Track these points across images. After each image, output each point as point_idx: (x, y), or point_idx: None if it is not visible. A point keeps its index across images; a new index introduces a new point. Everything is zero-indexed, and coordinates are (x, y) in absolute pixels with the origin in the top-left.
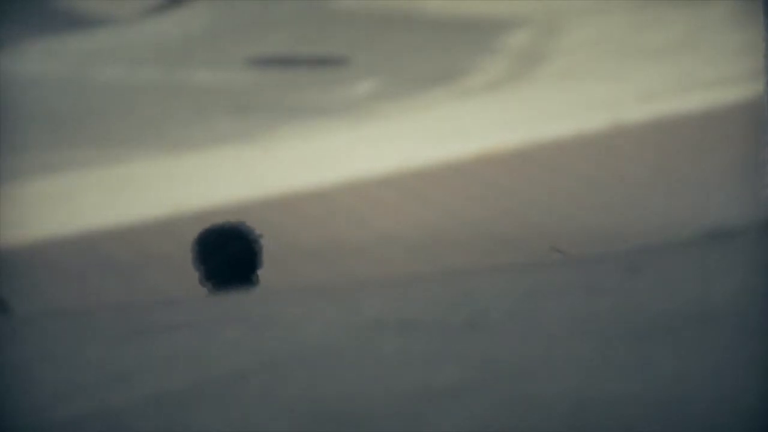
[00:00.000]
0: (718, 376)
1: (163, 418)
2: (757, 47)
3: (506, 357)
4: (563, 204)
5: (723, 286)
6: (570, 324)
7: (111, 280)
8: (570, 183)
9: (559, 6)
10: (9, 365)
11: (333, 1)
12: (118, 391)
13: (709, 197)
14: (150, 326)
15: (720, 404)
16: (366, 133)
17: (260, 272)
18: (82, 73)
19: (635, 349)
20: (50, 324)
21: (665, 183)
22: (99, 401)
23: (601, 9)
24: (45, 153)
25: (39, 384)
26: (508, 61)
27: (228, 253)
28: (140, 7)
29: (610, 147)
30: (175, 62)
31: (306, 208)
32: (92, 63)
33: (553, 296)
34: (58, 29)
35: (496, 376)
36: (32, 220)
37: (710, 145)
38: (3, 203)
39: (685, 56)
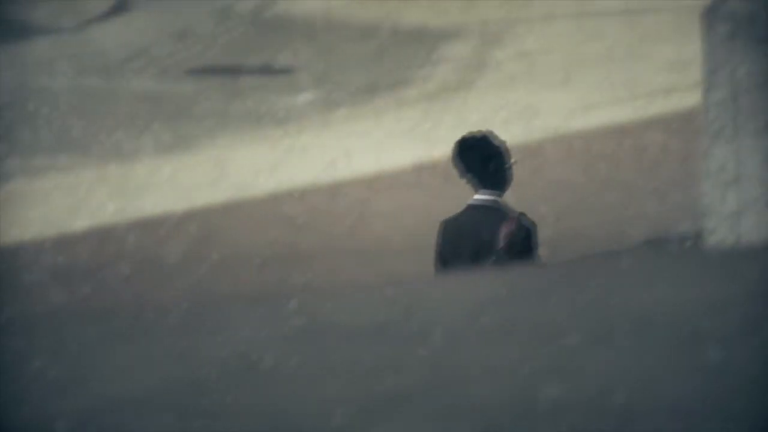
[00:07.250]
0: (655, 380)
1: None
2: (696, 59)
3: (445, 364)
4: None
5: (659, 293)
6: (510, 331)
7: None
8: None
9: (500, 16)
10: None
11: (275, 11)
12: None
13: (650, 206)
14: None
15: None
16: (305, 141)
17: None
18: (24, 83)
19: (571, 355)
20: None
21: (608, 192)
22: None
23: (543, 19)
24: None
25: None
26: (451, 70)
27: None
28: (82, 17)
29: (554, 155)
30: (117, 71)
31: (249, 214)
32: (34, 72)
33: (496, 304)
34: (0, 39)
35: (437, 382)
36: None
37: (652, 155)
38: None
39: (627, 66)
